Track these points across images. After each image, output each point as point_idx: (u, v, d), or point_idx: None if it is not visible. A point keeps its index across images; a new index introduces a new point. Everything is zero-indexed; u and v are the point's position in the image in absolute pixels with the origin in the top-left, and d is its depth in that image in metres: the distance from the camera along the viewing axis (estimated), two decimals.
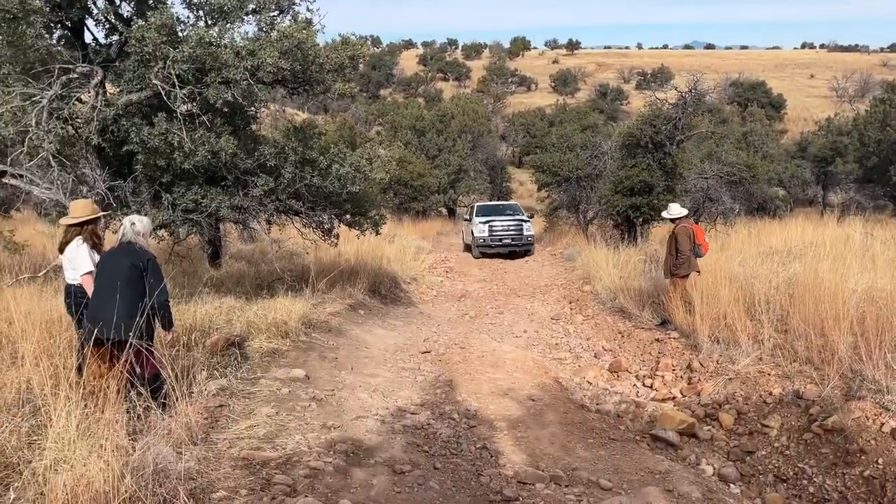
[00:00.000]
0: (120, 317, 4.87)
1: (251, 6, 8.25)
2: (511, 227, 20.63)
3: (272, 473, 4.44)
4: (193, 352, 6.51)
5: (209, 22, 8.43)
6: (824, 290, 8.19)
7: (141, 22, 7.82)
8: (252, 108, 9.69)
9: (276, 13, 8.56)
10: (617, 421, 7.39)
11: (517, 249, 20.57)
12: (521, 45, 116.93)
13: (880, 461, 5.50)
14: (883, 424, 5.73)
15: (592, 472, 5.67)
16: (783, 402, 6.78)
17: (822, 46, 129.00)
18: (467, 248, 22.48)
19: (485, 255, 20.73)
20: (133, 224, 5.41)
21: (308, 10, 9.03)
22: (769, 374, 7.31)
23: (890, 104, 28.50)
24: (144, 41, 7.57)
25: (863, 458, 5.62)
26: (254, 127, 10.15)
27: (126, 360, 4.58)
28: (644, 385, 8.79)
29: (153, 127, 8.10)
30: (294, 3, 8.61)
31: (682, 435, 6.89)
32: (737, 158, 20.78)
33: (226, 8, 8.24)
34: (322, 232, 10.95)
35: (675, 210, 10.10)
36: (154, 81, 7.53)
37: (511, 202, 25.36)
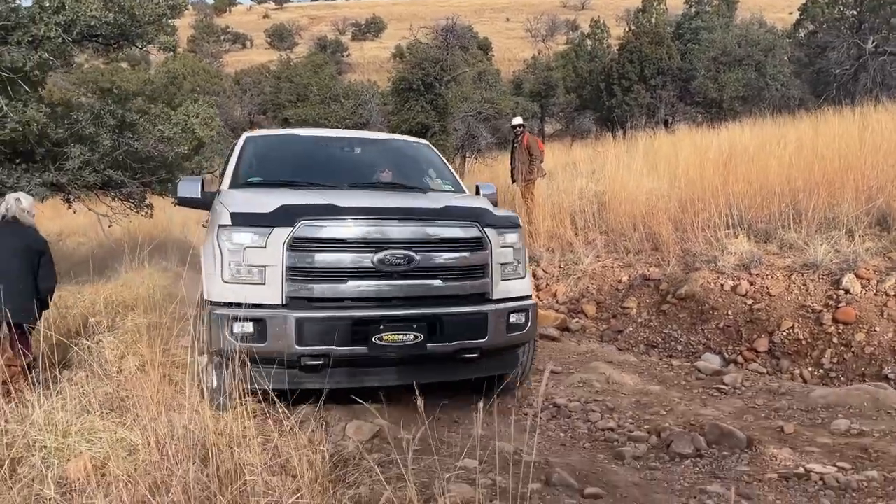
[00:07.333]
0: (21, 300, 4.49)
1: None
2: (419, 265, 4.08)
3: None
4: None
5: None
6: (629, 195, 9.70)
7: None
8: (40, 72, 8.53)
9: None
10: None
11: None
12: (226, 1, 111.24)
13: (730, 312, 6.90)
14: (724, 285, 7.14)
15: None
16: (633, 286, 8.03)
17: None
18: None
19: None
20: (18, 200, 4.90)
21: None
22: (612, 267, 8.56)
23: (592, 38, 32.55)
24: None
25: (715, 313, 6.99)
26: (42, 92, 8.95)
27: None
28: None
29: None
30: None
31: (560, 330, 7.85)
32: (490, 97, 22.53)
33: None
34: (134, 203, 10.10)
35: (519, 119, 11.39)
36: None
37: (408, 139, 6.73)
